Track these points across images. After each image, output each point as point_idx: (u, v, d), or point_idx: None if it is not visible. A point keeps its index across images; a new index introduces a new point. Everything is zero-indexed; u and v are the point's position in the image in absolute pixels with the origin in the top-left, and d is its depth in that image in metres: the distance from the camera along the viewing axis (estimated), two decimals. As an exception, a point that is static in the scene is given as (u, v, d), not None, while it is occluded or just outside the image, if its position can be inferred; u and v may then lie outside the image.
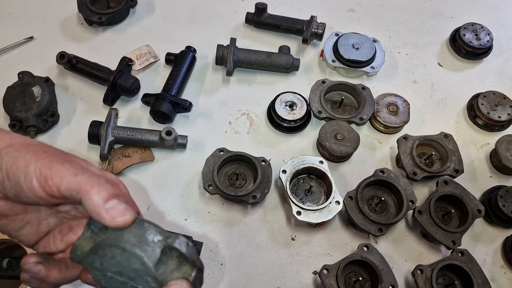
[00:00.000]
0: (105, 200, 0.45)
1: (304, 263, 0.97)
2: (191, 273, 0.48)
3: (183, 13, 1.33)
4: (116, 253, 0.47)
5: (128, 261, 0.47)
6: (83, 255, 0.49)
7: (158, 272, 0.47)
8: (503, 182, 1.08)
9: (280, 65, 1.18)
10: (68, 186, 0.45)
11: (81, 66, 1.14)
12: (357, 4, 1.38)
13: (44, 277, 0.49)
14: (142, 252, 0.46)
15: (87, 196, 0.45)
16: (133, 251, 0.46)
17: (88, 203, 0.45)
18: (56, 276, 0.50)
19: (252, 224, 1.01)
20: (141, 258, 0.46)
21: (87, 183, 0.45)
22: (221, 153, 1.01)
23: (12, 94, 1.07)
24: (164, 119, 1.10)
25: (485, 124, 1.15)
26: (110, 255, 0.47)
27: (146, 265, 0.46)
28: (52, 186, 0.45)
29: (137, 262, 0.46)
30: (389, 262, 0.90)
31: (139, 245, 0.47)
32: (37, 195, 0.46)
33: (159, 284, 0.47)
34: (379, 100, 1.13)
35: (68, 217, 0.56)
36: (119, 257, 0.47)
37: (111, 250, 0.47)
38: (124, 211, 0.46)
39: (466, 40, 1.24)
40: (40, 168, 0.46)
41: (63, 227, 0.55)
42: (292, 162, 0.99)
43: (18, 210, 0.51)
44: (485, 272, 0.88)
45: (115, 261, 0.47)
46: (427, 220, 0.94)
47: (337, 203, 0.94)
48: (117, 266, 0.47)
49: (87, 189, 0.45)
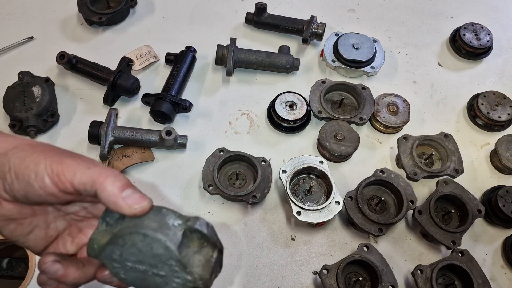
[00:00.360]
0: (120, 190, 0.45)
1: (304, 263, 0.97)
2: (213, 255, 0.48)
3: (183, 13, 1.33)
4: (137, 240, 0.46)
5: (149, 247, 0.46)
6: (100, 248, 0.48)
7: (181, 255, 0.46)
8: (503, 182, 1.08)
9: (280, 65, 1.18)
10: (81, 180, 0.45)
11: (81, 66, 1.14)
12: (357, 4, 1.38)
13: (61, 277, 0.48)
14: (164, 236, 0.46)
15: (102, 187, 0.45)
16: (154, 236, 0.46)
17: (103, 193, 0.45)
18: (74, 275, 0.49)
19: (252, 224, 1.01)
20: (163, 243, 0.46)
21: (101, 175, 0.45)
22: (221, 153, 1.01)
23: (12, 94, 1.07)
24: (164, 119, 1.10)
25: (485, 124, 1.15)
26: (130, 243, 0.46)
27: (169, 248, 0.46)
28: (65, 182, 0.45)
29: (160, 246, 0.46)
30: (389, 262, 0.90)
31: (160, 230, 0.46)
32: (49, 192, 0.46)
33: (183, 266, 0.46)
34: (379, 100, 1.13)
35: (77, 218, 0.56)
36: (140, 243, 0.46)
37: (131, 237, 0.46)
38: (141, 198, 0.46)
39: (466, 40, 1.24)
40: (51, 165, 0.45)
41: (72, 229, 0.55)
42: (292, 162, 0.99)
43: (26, 213, 0.50)
44: (485, 272, 0.88)
45: (135, 249, 0.46)
46: (427, 220, 0.94)
47: (337, 203, 0.94)
48: (138, 254, 0.47)
49: (101, 180, 0.45)
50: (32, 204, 0.49)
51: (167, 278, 0.48)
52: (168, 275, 0.47)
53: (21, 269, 0.96)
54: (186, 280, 0.47)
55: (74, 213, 0.56)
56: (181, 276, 0.47)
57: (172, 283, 0.48)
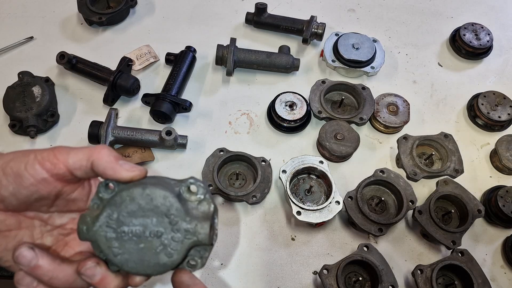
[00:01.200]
0: (116, 158, 0.47)
1: (304, 263, 0.97)
2: (210, 210, 0.48)
3: (183, 13, 1.33)
4: (136, 193, 0.46)
5: (149, 198, 0.46)
6: (94, 218, 0.46)
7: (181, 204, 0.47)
8: (503, 182, 1.08)
9: (280, 65, 1.18)
10: (76, 158, 0.46)
11: (81, 66, 1.14)
12: (357, 4, 1.38)
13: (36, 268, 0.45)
14: (163, 189, 0.46)
15: (98, 156, 0.46)
16: (154, 187, 0.46)
17: (100, 162, 0.46)
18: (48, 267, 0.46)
19: (252, 224, 1.01)
20: (163, 192, 0.46)
21: (95, 149, 0.47)
22: (221, 153, 1.01)
23: (12, 94, 1.07)
24: (164, 119, 1.10)
25: (485, 124, 1.15)
26: (130, 199, 0.46)
27: (168, 198, 0.46)
28: (59, 163, 0.46)
29: (159, 196, 0.46)
30: (389, 262, 0.90)
31: (158, 184, 0.47)
32: (40, 178, 0.46)
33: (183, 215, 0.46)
34: (379, 100, 1.13)
35: (64, 232, 0.54)
36: (139, 197, 0.46)
37: (129, 193, 0.46)
38: (136, 167, 0.48)
39: (466, 40, 1.24)
40: (41, 153, 0.46)
41: (58, 244, 0.53)
42: (292, 162, 0.99)
43: (11, 223, 0.49)
44: (485, 272, 0.88)
45: (134, 204, 0.46)
46: (427, 220, 0.94)
47: (337, 203, 0.94)
48: (137, 210, 0.46)
49: (97, 152, 0.46)
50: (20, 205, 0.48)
51: (166, 236, 0.46)
52: (167, 230, 0.46)
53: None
54: (186, 231, 0.46)
55: (62, 227, 0.54)
56: (180, 227, 0.46)
57: (171, 242, 0.46)
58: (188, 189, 0.48)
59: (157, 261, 0.47)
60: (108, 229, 0.46)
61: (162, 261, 0.47)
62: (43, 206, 0.52)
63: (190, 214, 0.47)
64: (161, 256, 0.47)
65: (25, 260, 0.45)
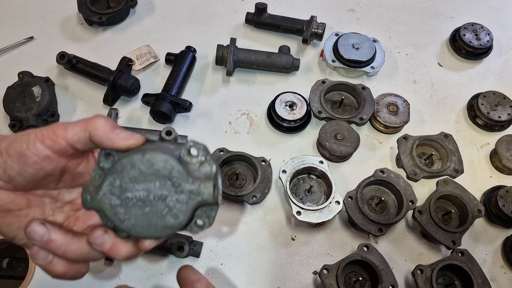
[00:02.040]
0: (112, 127, 0.47)
1: (304, 263, 0.97)
2: (211, 171, 0.48)
3: (183, 13, 1.33)
4: (136, 160, 0.46)
5: (149, 163, 0.45)
6: (97, 187, 0.46)
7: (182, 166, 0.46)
8: (503, 182, 1.08)
9: (280, 65, 1.18)
10: (74, 131, 0.46)
11: (81, 66, 1.14)
12: (357, 4, 1.38)
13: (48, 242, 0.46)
14: (163, 153, 0.46)
15: (95, 126, 0.46)
16: (153, 152, 0.46)
17: (97, 132, 0.46)
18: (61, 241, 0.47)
19: (252, 224, 1.01)
20: (163, 156, 0.45)
21: (91, 119, 0.47)
22: (221, 153, 1.01)
23: (12, 94, 1.07)
24: (164, 119, 1.10)
25: (485, 124, 1.15)
26: (130, 165, 0.46)
27: (169, 161, 0.45)
28: (58, 138, 0.46)
29: (160, 160, 0.45)
30: (389, 262, 0.90)
31: (157, 149, 0.46)
32: (43, 155, 0.46)
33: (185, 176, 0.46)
34: (379, 100, 1.13)
35: (75, 207, 0.55)
36: (139, 163, 0.46)
37: (129, 159, 0.46)
38: (133, 134, 0.48)
39: (466, 40, 1.24)
40: (41, 132, 0.47)
41: (70, 220, 0.54)
42: (292, 162, 0.99)
43: (21, 202, 0.50)
44: (485, 272, 0.88)
45: (135, 170, 0.46)
46: (427, 220, 0.94)
47: (337, 203, 0.94)
48: (138, 176, 0.46)
49: (93, 122, 0.46)
50: (28, 183, 0.49)
51: (170, 198, 0.46)
52: (171, 193, 0.46)
53: (21, 269, 0.96)
54: (190, 192, 0.46)
55: (71, 202, 0.55)
56: (184, 189, 0.46)
57: (176, 204, 0.46)
58: (189, 152, 0.48)
59: (164, 223, 0.47)
60: (112, 196, 0.46)
61: (169, 223, 0.47)
62: (50, 183, 0.52)
63: (192, 175, 0.46)
64: (167, 218, 0.47)
65: (37, 236, 0.46)
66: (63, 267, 0.49)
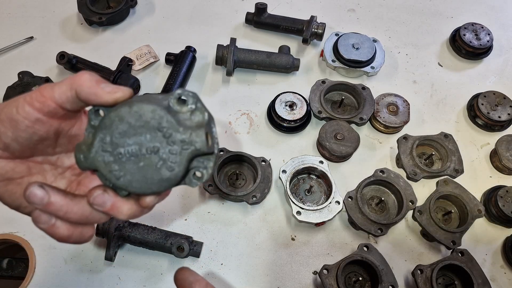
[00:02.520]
0: (97, 82, 0.46)
1: (304, 263, 0.97)
2: (204, 119, 0.46)
3: (183, 13, 1.33)
4: (123, 112, 0.44)
5: (137, 115, 0.44)
6: (89, 145, 0.45)
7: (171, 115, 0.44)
8: (503, 182, 1.08)
9: (280, 65, 1.18)
10: (60, 90, 0.46)
11: (81, 66, 1.14)
12: (357, 4, 1.38)
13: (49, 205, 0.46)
14: (151, 103, 0.44)
15: (79, 83, 0.45)
16: (140, 103, 0.44)
17: (82, 88, 0.45)
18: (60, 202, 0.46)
19: (252, 224, 1.01)
20: (151, 106, 0.44)
21: (76, 76, 0.46)
22: (221, 153, 1.01)
23: (12, 94, 1.07)
24: (164, 119, 1.10)
25: (485, 124, 1.15)
26: (118, 119, 0.44)
27: (157, 111, 0.44)
28: (46, 100, 0.46)
29: (148, 111, 0.44)
30: (389, 262, 0.90)
31: (145, 100, 0.44)
32: (33, 118, 0.46)
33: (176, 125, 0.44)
34: (379, 100, 1.13)
35: (76, 172, 0.55)
36: (128, 115, 0.44)
37: (117, 113, 0.44)
38: (119, 87, 0.46)
39: (466, 40, 1.24)
40: (29, 95, 0.46)
41: (72, 185, 0.54)
42: (292, 162, 0.99)
43: (21, 169, 0.50)
44: (485, 272, 0.88)
45: (124, 124, 0.44)
46: (427, 220, 0.94)
47: (337, 203, 0.94)
48: (128, 130, 0.44)
49: (77, 78, 0.45)
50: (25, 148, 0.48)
51: (163, 150, 0.45)
52: (163, 145, 0.45)
53: (21, 269, 0.96)
54: (182, 142, 0.45)
55: (72, 167, 0.55)
56: (175, 139, 0.44)
57: (170, 156, 0.45)
58: (178, 100, 0.46)
59: (160, 176, 0.46)
60: (105, 153, 0.45)
61: (165, 175, 0.46)
62: (47, 148, 0.52)
63: (183, 124, 0.45)
64: (163, 171, 0.45)
65: (36, 199, 0.45)
66: (66, 229, 0.48)
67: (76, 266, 0.94)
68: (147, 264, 0.95)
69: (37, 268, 0.94)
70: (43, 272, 0.93)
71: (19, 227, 0.97)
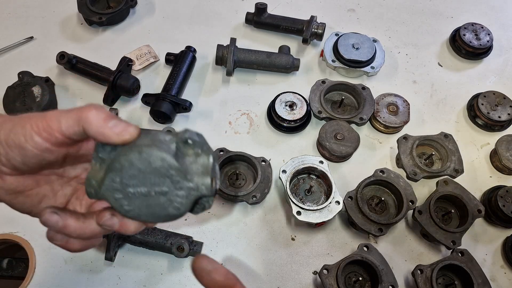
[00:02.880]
0: (105, 120, 0.46)
1: (304, 263, 0.97)
2: (208, 161, 0.49)
3: (183, 13, 1.33)
4: (134, 159, 0.46)
5: (147, 162, 0.46)
6: (99, 182, 0.48)
7: (179, 164, 0.47)
8: (503, 182, 1.08)
9: (280, 65, 1.18)
10: (67, 124, 0.46)
11: (81, 66, 1.14)
12: (357, 4, 1.38)
13: (63, 228, 0.49)
14: (159, 149, 0.46)
15: (87, 121, 0.46)
16: (149, 150, 0.46)
17: (90, 127, 0.46)
18: (74, 225, 0.50)
19: (252, 224, 1.01)
20: (160, 154, 0.46)
21: (83, 111, 0.46)
22: (221, 153, 1.01)
23: (12, 94, 1.07)
24: (164, 119, 1.10)
25: (485, 124, 1.15)
26: (128, 164, 0.46)
27: (166, 159, 0.46)
28: (54, 132, 0.46)
29: (157, 159, 0.46)
30: (389, 262, 0.90)
31: (153, 144, 0.47)
32: (43, 148, 0.47)
33: (183, 174, 0.47)
34: (379, 100, 1.13)
35: (81, 181, 0.57)
36: (137, 162, 0.46)
37: (127, 158, 0.46)
38: (127, 126, 0.47)
39: (466, 40, 1.24)
40: (36, 123, 0.47)
41: (78, 193, 0.57)
42: (292, 162, 0.99)
43: (30, 184, 0.52)
44: (485, 272, 0.88)
45: (134, 169, 0.47)
46: (427, 220, 0.94)
47: (337, 203, 0.94)
48: (137, 174, 0.47)
49: (85, 115, 0.46)
50: (33, 169, 0.50)
51: (171, 194, 0.48)
52: (171, 189, 0.48)
53: (21, 269, 0.96)
54: (189, 188, 0.48)
55: (77, 177, 0.57)
56: (183, 186, 0.48)
57: (176, 198, 0.48)
58: (185, 143, 0.48)
59: (166, 213, 0.49)
60: (115, 191, 0.48)
61: (172, 213, 0.49)
62: (55, 166, 0.54)
63: (190, 171, 0.48)
64: (169, 209, 0.49)
65: (51, 223, 0.49)
66: (78, 244, 0.53)
67: (76, 266, 0.94)
68: (147, 264, 0.95)
69: (37, 268, 0.94)
70: (43, 272, 0.93)
71: (19, 227, 0.97)
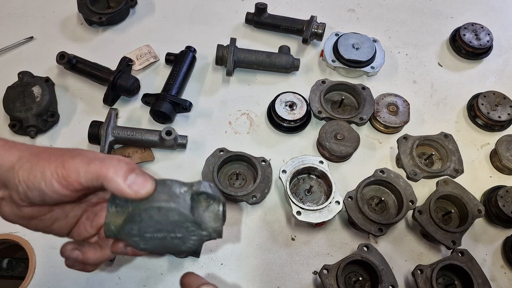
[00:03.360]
0: (124, 178, 0.49)
1: (304, 263, 0.97)
2: (219, 209, 0.55)
3: (183, 13, 1.33)
4: (153, 214, 0.51)
5: (165, 216, 0.52)
6: (118, 228, 0.53)
7: (194, 217, 0.53)
8: (503, 182, 1.08)
9: (280, 65, 1.18)
10: (86, 177, 0.49)
11: (81, 66, 1.14)
12: (357, 4, 1.38)
13: (83, 260, 0.56)
14: (177, 204, 0.51)
15: (106, 179, 0.49)
16: (168, 206, 0.51)
17: (109, 185, 0.49)
18: (93, 257, 0.56)
19: (252, 224, 1.01)
20: (177, 210, 0.51)
21: (103, 168, 0.49)
22: (221, 153, 1.01)
23: (12, 94, 1.07)
24: (164, 119, 1.10)
25: (485, 124, 1.15)
26: (148, 218, 0.52)
27: (183, 214, 0.52)
28: (73, 182, 0.49)
29: (175, 214, 0.52)
30: (389, 262, 0.90)
31: (171, 199, 0.52)
32: (62, 194, 0.50)
33: (198, 225, 0.53)
34: (379, 100, 1.13)
35: (91, 204, 0.60)
36: (156, 216, 0.52)
37: (147, 213, 0.51)
38: (144, 182, 0.50)
39: (466, 40, 1.24)
40: (56, 170, 0.49)
41: (88, 214, 0.60)
42: (292, 162, 0.99)
43: (44, 210, 0.55)
44: (485, 272, 0.88)
45: (153, 221, 0.52)
46: (427, 220, 0.94)
47: (337, 203, 0.94)
48: (155, 225, 0.52)
49: (104, 173, 0.49)
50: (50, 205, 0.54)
51: (185, 238, 0.54)
52: (185, 235, 0.54)
53: (21, 269, 0.96)
54: (202, 235, 0.54)
55: (87, 201, 0.60)
56: (197, 233, 0.54)
57: (190, 241, 0.55)
58: (198, 195, 0.54)
59: (179, 249, 0.56)
60: (132, 236, 0.54)
61: (183, 249, 0.56)
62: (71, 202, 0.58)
63: (203, 222, 0.54)
64: (182, 247, 0.56)
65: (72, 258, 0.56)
66: (94, 267, 0.59)
67: (76, 266, 0.94)
68: (147, 264, 0.95)
69: (37, 268, 0.94)
70: (43, 272, 0.93)
71: (19, 227, 0.97)
